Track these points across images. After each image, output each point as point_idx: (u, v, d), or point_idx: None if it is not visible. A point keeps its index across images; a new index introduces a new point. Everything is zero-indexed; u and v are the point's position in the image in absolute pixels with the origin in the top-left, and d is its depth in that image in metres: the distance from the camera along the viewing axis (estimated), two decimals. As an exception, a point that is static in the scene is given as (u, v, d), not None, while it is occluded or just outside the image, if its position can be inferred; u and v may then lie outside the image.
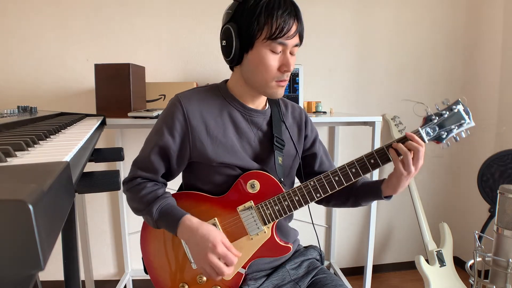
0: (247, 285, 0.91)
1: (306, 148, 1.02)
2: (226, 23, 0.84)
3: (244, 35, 0.81)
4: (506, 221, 1.00)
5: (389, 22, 2.01)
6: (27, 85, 1.77)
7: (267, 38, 0.79)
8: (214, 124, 0.87)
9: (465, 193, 2.15)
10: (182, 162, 0.90)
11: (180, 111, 0.86)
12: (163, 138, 0.86)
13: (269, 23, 0.78)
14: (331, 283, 0.92)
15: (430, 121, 0.85)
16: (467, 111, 0.86)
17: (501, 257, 1.00)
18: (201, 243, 0.80)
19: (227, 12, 0.84)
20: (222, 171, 0.89)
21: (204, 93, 0.91)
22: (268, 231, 0.88)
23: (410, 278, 2.15)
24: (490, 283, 1.03)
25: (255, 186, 0.88)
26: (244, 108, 0.91)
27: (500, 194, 1.02)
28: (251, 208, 0.87)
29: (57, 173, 0.28)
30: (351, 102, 2.05)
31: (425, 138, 0.84)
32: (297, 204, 0.87)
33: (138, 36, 1.81)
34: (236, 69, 0.90)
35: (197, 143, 0.86)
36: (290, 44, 0.81)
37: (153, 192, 0.88)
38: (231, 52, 0.83)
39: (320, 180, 0.86)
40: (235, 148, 0.88)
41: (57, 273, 1.87)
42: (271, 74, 0.83)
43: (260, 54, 0.81)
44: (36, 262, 0.20)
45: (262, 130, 0.93)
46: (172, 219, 0.84)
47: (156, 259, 0.93)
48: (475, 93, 2.10)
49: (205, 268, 0.80)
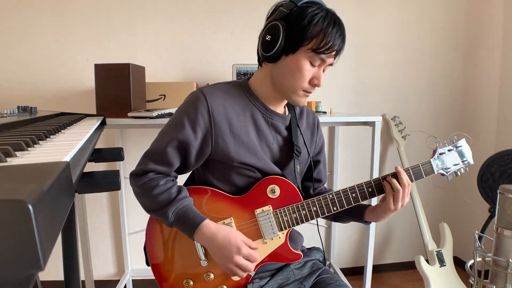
0: (252, 283, 0.91)
1: (314, 155, 1.04)
2: (276, 19, 0.82)
3: (292, 38, 0.80)
4: (506, 221, 1.00)
5: (389, 22, 2.01)
6: (27, 85, 1.77)
7: (313, 49, 0.80)
8: (237, 122, 0.86)
9: (465, 193, 2.15)
10: (201, 159, 0.88)
11: (204, 105, 0.83)
12: (184, 132, 0.83)
13: (320, 36, 0.79)
14: (334, 283, 0.93)
15: (439, 154, 0.94)
16: (468, 150, 0.96)
17: (501, 257, 1.00)
18: (224, 247, 0.81)
19: (281, 10, 0.82)
20: (241, 172, 0.88)
21: (228, 90, 0.89)
22: (282, 237, 0.90)
23: (410, 278, 2.15)
24: (490, 283, 1.03)
25: (276, 191, 0.89)
26: (266, 109, 0.90)
27: (500, 194, 1.02)
28: (270, 213, 0.88)
29: (57, 173, 0.28)
30: (351, 102, 2.05)
31: (435, 170, 0.93)
32: (314, 215, 0.90)
33: (138, 36, 1.81)
34: (266, 66, 0.88)
35: (220, 141, 0.85)
36: (328, 61, 0.83)
37: (167, 191, 0.85)
38: (272, 49, 0.81)
39: (339, 194, 0.89)
40: (256, 149, 0.88)
41: (57, 273, 1.87)
42: (302, 83, 0.83)
43: (300, 61, 0.81)
44: (36, 262, 0.20)
45: (281, 135, 0.93)
46: (189, 224, 0.83)
47: (162, 251, 0.91)
48: (475, 93, 2.10)
49: (231, 269, 0.82)
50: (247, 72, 1.69)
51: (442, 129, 2.14)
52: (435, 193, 2.19)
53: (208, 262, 0.88)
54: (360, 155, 2.09)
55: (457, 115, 2.15)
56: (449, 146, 0.95)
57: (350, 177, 2.11)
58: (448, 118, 2.14)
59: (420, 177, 0.91)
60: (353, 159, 2.10)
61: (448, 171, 0.94)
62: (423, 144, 2.12)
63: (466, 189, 2.13)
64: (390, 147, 2.12)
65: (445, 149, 0.94)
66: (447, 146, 0.94)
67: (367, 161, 2.04)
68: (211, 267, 0.89)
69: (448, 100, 2.13)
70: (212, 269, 0.89)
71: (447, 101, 2.13)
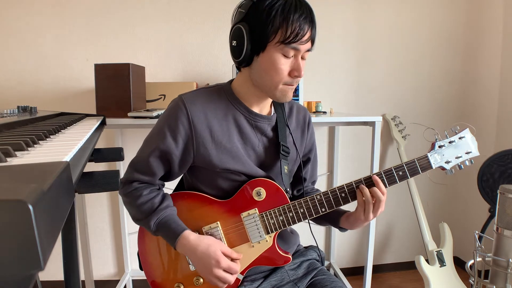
0: (244, 286, 0.91)
1: (304, 154, 1.01)
2: (237, 23, 0.80)
3: (256, 37, 0.77)
4: (506, 221, 1.00)
5: (389, 22, 2.01)
6: (27, 85, 1.77)
7: (281, 42, 0.76)
8: (219, 129, 0.85)
9: (465, 193, 2.15)
10: (184, 166, 0.88)
11: (184, 114, 0.83)
12: (165, 142, 0.83)
13: (284, 27, 0.75)
14: (330, 285, 0.91)
15: (439, 147, 0.87)
16: (473, 141, 0.88)
17: (501, 257, 1.00)
18: (204, 260, 0.81)
19: (239, 11, 0.80)
20: (226, 176, 0.87)
21: (209, 95, 0.87)
22: (270, 240, 0.88)
23: (410, 278, 2.15)
24: (490, 283, 1.03)
25: (261, 194, 0.87)
26: (249, 112, 0.88)
27: (500, 194, 1.02)
28: (256, 216, 0.87)
29: (57, 173, 0.28)
30: (351, 102, 2.05)
31: (433, 165, 0.86)
32: (301, 217, 0.87)
33: (138, 36, 1.81)
34: (244, 70, 0.86)
35: (201, 149, 0.84)
36: (303, 49, 0.79)
37: (150, 201, 0.86)
38: (241, 53, 0.79)
39: (327, 195, 0.86)
40: (239, 154, 0.86)
41: (57, 273, 1.87)
42: (281, 78, 0.80)
43: (271, 57, 0.78)
44: (36, 262, 0.20)
45: (267, 136, 0.91)
46: (170, 234, 0.83)
47: (153, 257, 0.93)
48: (475, 93, 2.11)
49: (211, 280, 0.82)
50: (247, 72, 1.69)
51: (442, 129, 2.14)
52: (435, 193, 2.19)
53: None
54: (360, 155, 2.09)
55: (457, 115, 2.15)
56: (451, 137, 0.88)
57: (350, 177, 2.11)
58: (448, 118, 2.14)
59: (416, 173, 0.85)
60: (353, 159, 2.10)
61: (450, 164, 0.87)
62: (423, 144, 2.12)
63: (466, 189, 2.13)
64: (390, 147, 2.12)
65: (445, 141, 0.87)
66: (447, 138, 0.88)
67: (367, 161, 2.05)
68: None
69: (448, 100, 2.13)
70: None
71: (447, 101, 2.13)
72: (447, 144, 0.87)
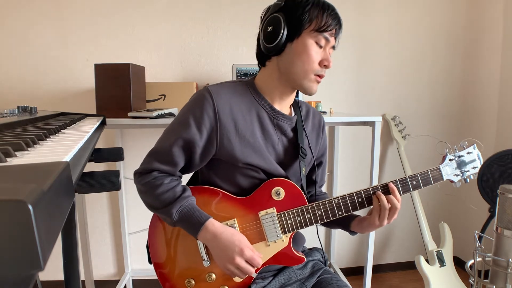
0: (255, 284, 0.91)
1: (317, 157, 1.03)
2: (274, 13, 0.84)
3: (292, 24, 0.82)
4: (506, 221, 1.00)
5: (389, 22, 2.01)
6: (27, 85, 1.77)
7: (315, 30, 0.81)
8: (243, 122, 0.85)
9: (465, 193, 2.15)
10: (205, 158, 0.87)
11: (210, 104, 0.83)
12: (189, 131, 0.83)
13: (319, 17, 0.82)
14: (335, 283, 0.93)
15: (449, 160, 0.92)
16: (479, 156, 0.94)
17: (501, 257, 1.00)
18: (227, 248, 0.81)
19: (276, 3, 0.85)
20: (246, 172, 0.88)
21: (234, 88, 0.88)
22: (286, 240, 0.89)
23: (410, 278, 2.15)
24: (490, 283, 1.03)
25: (280, 193, 0.88)
26: (272, 110, 0.89)
27: (500, 194, 1.02)
28: (274, 215, 0.88)
29: (57, 173, 0.28)
30: (351, 102, 2.05)
31: (444, 177, 0.91)
32: (318, 219, 0.88)
33: (138, 36, 1.81)
34: (271, 62, 0.88)
35: (225, 141, 0.84)
36: (331, 42, 0.84)
37: (171, 190, 0.84)
38: (276, 38, 0.82)
39: (344, 198, 0.88)
40: (262, 149, 0.87)
41: (57, 273, 1.87)
42: (313, 65, 0.83)
43: (305, 43, 0.82)
44: (36, 262, 0.20)
45: (287, 136, 0.92)
46: (194, 222, 0.82)
47: (165, 250, 0.91)
48: (475, 93, 2.11)
49: (231, 269, 0.82)
50: (247, 72, 1.69)
51: (442, 129, 2.14)
52: (435, 193, 2.19)
53: (210, 262, 0.88)
54: (360, 155, 2.09)
55: (457, 115, 2.15)
56: (460, 152, 0.93)
57: (350, 177, 2.11)
58: (448, 118, 2.14)
59: (429, 183, 0.89)
60: (353, 159, 2.10)
61: (457, 177, 0.92)
62: (423, 144, 2.12)
63: (466, 189, 2.13)
64: (390, 147, 2.12)
65: (455, 155, 0.92)
66: (457, 152, 0.93)
67: (367, 161, 2.05)
68: (213, 268, 0.88)
69: (448, 100, 2.13)
70: (214, 269, 0.88)
71: (447, 101, 2.13)
72: (457, 158, 0.93)
